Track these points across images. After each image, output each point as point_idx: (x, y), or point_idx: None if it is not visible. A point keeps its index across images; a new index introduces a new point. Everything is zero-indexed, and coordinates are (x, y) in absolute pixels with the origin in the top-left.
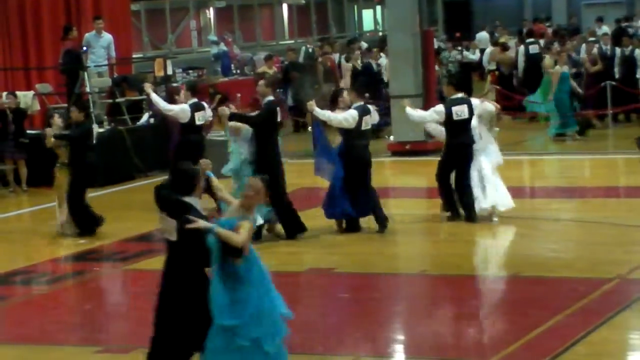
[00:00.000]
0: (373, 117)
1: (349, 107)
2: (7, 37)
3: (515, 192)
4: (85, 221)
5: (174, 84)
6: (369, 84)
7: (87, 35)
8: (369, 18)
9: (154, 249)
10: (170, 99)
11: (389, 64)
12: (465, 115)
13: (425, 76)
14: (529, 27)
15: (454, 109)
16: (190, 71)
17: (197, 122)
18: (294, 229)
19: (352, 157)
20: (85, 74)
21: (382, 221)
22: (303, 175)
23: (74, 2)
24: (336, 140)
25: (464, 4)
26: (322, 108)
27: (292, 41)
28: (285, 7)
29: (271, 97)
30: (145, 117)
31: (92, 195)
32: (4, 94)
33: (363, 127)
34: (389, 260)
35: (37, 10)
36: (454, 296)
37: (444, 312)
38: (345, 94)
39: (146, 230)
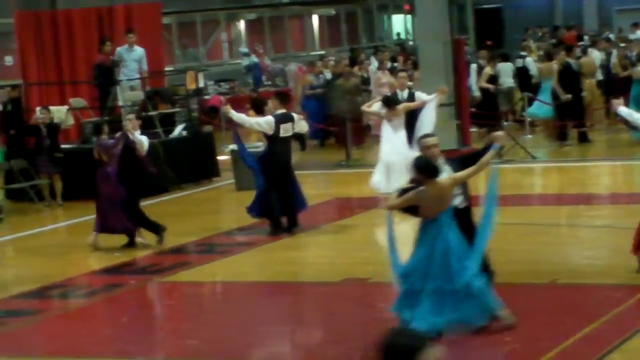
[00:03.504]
0: (300, 125)
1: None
2: (40, 52)
3: (550, 199)
4: None
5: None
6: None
7: (118, 49)
8: (399, 27)
9: (188, 261)
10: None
11: (417, 73)
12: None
13: (456, 85)
14: (559, 36)
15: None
16: (222, 83)
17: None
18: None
19: (271, 161)
20: (118, 87)
21: (291, 226)
22: (335, 185)
23: (107, 16)
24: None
25: (494, 12)
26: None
27: (323, 51)
28: (315, 17)
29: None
30: (178, 129)
31: None
32: (38, 109)
33: (282, 134)
34: None
35: (70, 24)
36: None
37: None
38: (270, 102)
39: (181, 243)
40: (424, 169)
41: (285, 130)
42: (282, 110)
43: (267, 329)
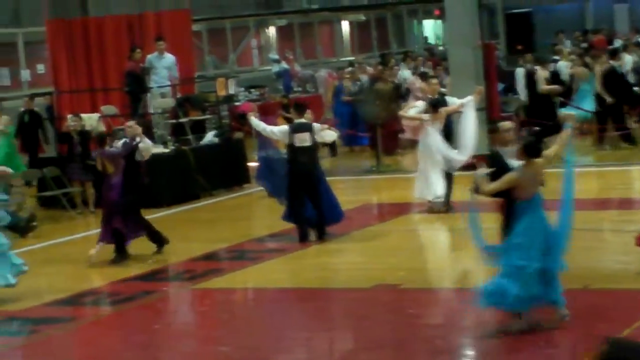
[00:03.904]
0: (322, 135)
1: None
2: (71, 60)
3: (583, 203)
4: None
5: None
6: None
7: (149, 56)
8: (429, 32)
9: (220, 267)
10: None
11: (450, 78)
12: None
13: (487, 90)
14: (589, 40)
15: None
16: (252, 90)
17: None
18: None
19: (290, 170)
20: (148, 94)
21: (319, 236)
22: (365, 191)
23: (137, 23)
24: None
25: (525, 16)
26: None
27: (353, 57)
28: (345, 23)
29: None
30: (208, 136)
31: (158, 215)
32: (70, 116)
33: (297, 144)
34: (456, 276)
35: (101, 32)
36: None
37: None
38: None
39: (212, 249)
40: (532, 149)
41: (301, 140)
42: (300, 120)
43: (298, 335)
